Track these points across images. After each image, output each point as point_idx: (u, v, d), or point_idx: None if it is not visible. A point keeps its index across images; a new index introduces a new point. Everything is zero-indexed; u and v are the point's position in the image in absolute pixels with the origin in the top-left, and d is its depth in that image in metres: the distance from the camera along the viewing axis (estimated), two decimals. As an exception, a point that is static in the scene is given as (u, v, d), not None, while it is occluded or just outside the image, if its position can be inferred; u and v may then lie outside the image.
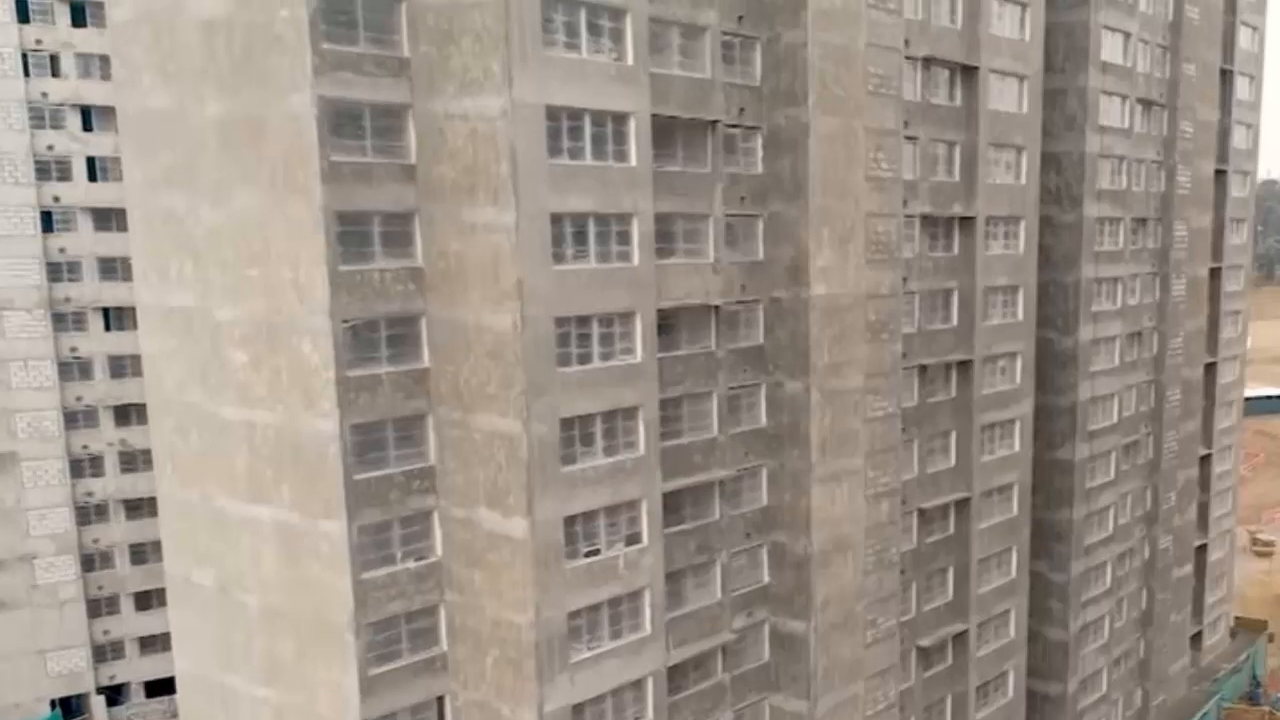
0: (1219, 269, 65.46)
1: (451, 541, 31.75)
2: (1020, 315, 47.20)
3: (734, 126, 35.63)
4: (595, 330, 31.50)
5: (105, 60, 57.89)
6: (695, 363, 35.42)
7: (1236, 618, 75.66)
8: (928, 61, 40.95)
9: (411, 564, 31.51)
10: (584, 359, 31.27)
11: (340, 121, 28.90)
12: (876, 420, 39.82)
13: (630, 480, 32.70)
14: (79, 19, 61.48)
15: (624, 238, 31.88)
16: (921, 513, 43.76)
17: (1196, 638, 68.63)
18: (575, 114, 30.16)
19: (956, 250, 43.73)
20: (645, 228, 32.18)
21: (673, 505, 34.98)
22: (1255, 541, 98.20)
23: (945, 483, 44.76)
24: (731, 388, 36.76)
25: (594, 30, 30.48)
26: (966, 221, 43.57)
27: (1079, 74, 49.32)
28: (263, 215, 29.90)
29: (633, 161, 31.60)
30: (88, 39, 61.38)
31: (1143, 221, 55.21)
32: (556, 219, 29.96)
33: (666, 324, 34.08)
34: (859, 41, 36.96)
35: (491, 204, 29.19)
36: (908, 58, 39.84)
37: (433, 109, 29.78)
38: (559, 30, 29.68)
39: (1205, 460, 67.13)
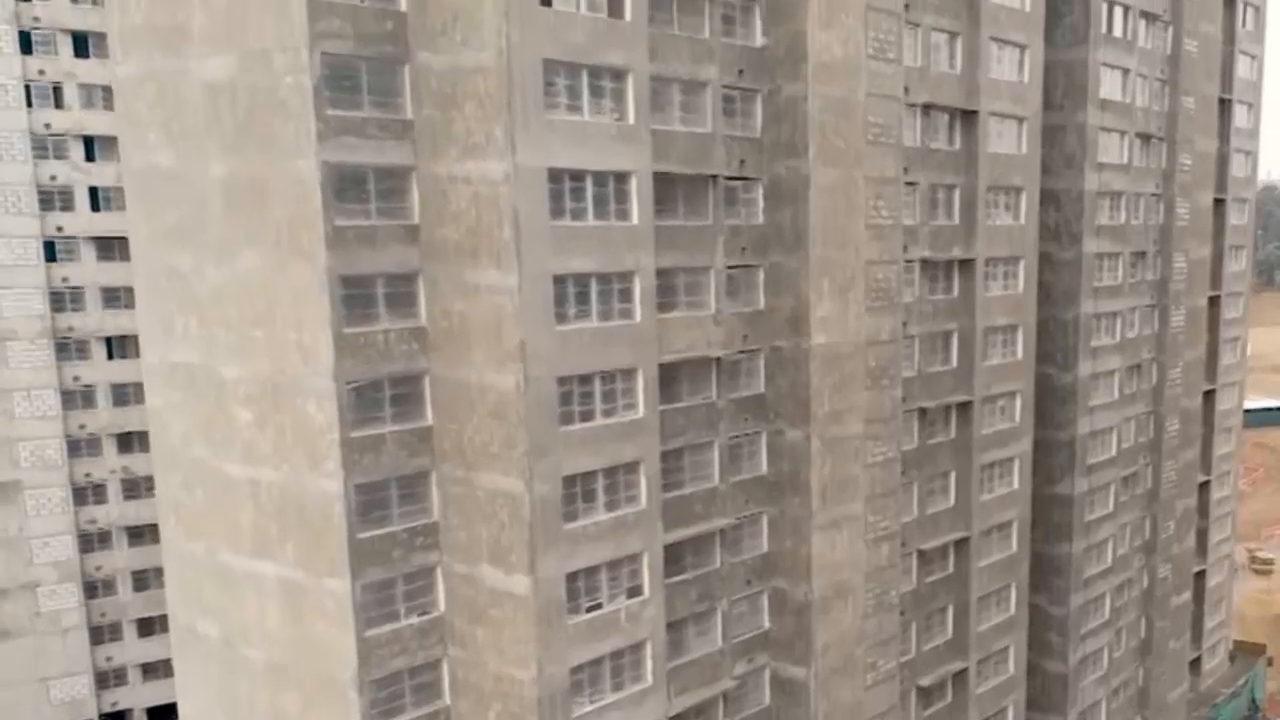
0: (1218, 297, 65.67)
1: (454, 597, 31.97)
2: (1020, 354, 47.43)
3: (735, 179, 35.87)
4: (597, 388, 31.72)
5: (108, 90, 58.16)
6: (697, 414, 35.67)
7: (1235, 641, 75.89)
8: (928, 108, 41.16)
9: (415, 620, 31.72)
10: (586, 416, 31.50)
11: (344, 185, 29.11)
12: (876, 465, 40.05)
13: (632, 534, 32.93)
14: (81, 50, 61.71)
15: (626, 295, 32.11)
16: (921, 553, 43.99)
17: (1195, 663, 68.83)
18: (577, 175, 30.41)
19: (956, 292, 43.98)
20: (647, 284, 32.42)
21: (674, 555, 35.23)
22: (1254, 559, 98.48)
23: (945, 523, 44.99)
24: (733, 436, 37.01)
25: (596, 91, 30.72)
26: (966, 264, 43.80)
27: (1078, 112, 49.56)
28: (267, 277, 30.12)
29: (634, 220, 31.83)
30: (90, 69, 61.62)
31: (1141, 255, 55.45)
32: (559, 279, 30.20)
33: (668, 376, 34.31)
34: (859, 92, 37.20)
35: (494, 267, 29.42)
36: (908, 105, 40.08)
37: (436, 171, 30.01)
38: (561, 93, 29.92)
39: (1204, 486, 67.32)
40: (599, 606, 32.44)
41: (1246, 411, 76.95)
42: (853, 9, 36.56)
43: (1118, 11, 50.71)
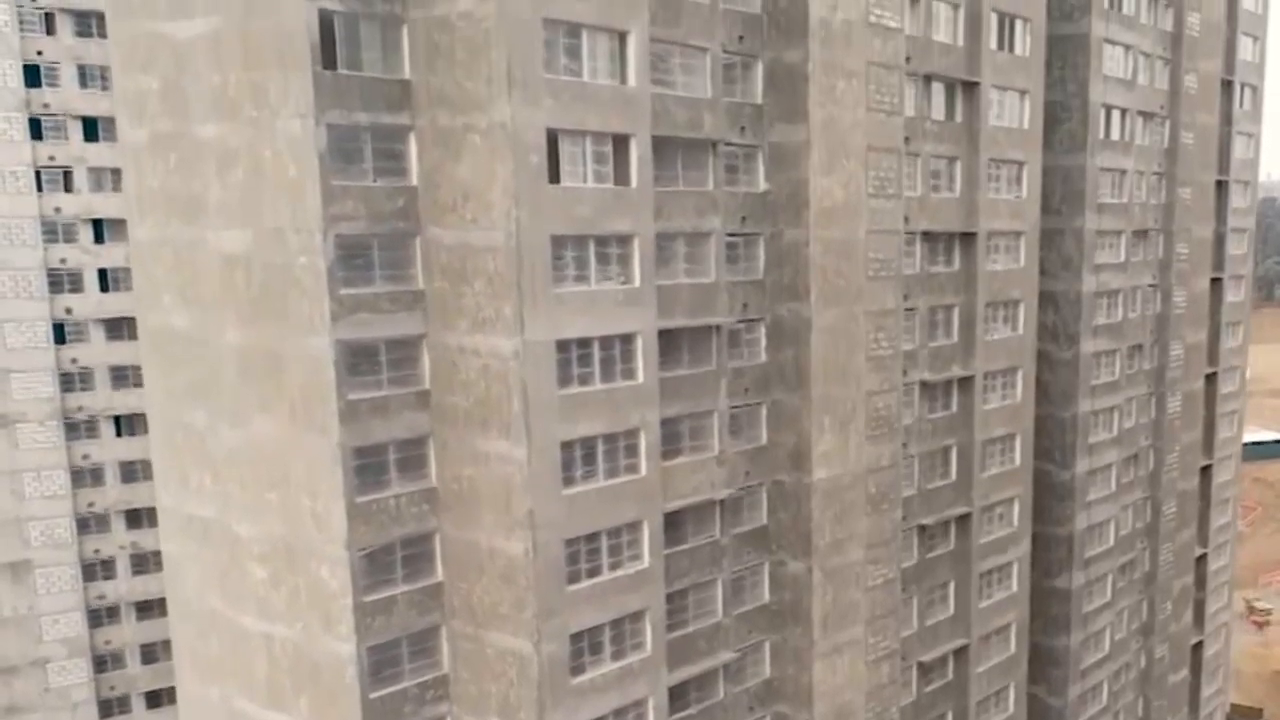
0: (1214, 374, 66.34)
1: (464, 749, 32.68)
2: (1018, 460, 48.13)
3: (739, 322, 36.54)
4: (604, 544, 32.43)
5: (116, 174, 58.89)
6: (701, 553, 36.37)
7: (1232, 704, 76.55)
8: (928, 234, 41.86)
9: (425, 771, 32.43)
10: (593, 572, 32.20)
11: (357, 360, 29.79)
12: (877, 587, 40.75)
13: (637, 681, 33.63)
14: (91, 134, 62.39)
15: (631, 450, 32.82)
16: (921, 665, 44.68)
17: (1192, 733, 69.59)
18: (585, 342, 31.10)
19: (955, 408, 44.68)
20: (652, 438, 33.12)
21: (678, 693, 35.92)
22: (1252, 610, 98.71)
23: (944, 632, 45.69)
24: (735, 570, 37.71)
25: (602, 259, 31.41)
26: (965, 381, 44.47)
27: (1076, 217, 50.29)
28: (281, 444, 30.81)
29: (640, 378, 32.54)
30: (100, 153, 62.33)
31: (1138, 347, 56.16)
32: (567, 445, 30.90)
33: (673, 520, 35.00)
34: (860, 231, 37.90)
35: (504, 438, 30.11)
36: (908, 233, 40.78)
37: (446, 341, 30.70)
38: (569, 264, 30.60)
39: (1201, 560, 68.01)
40: (605, 753, 33.14)
41: (1244, 445, 77.02)
42: (854, 152, 37.27)
43: (1115, 115, 51.41)
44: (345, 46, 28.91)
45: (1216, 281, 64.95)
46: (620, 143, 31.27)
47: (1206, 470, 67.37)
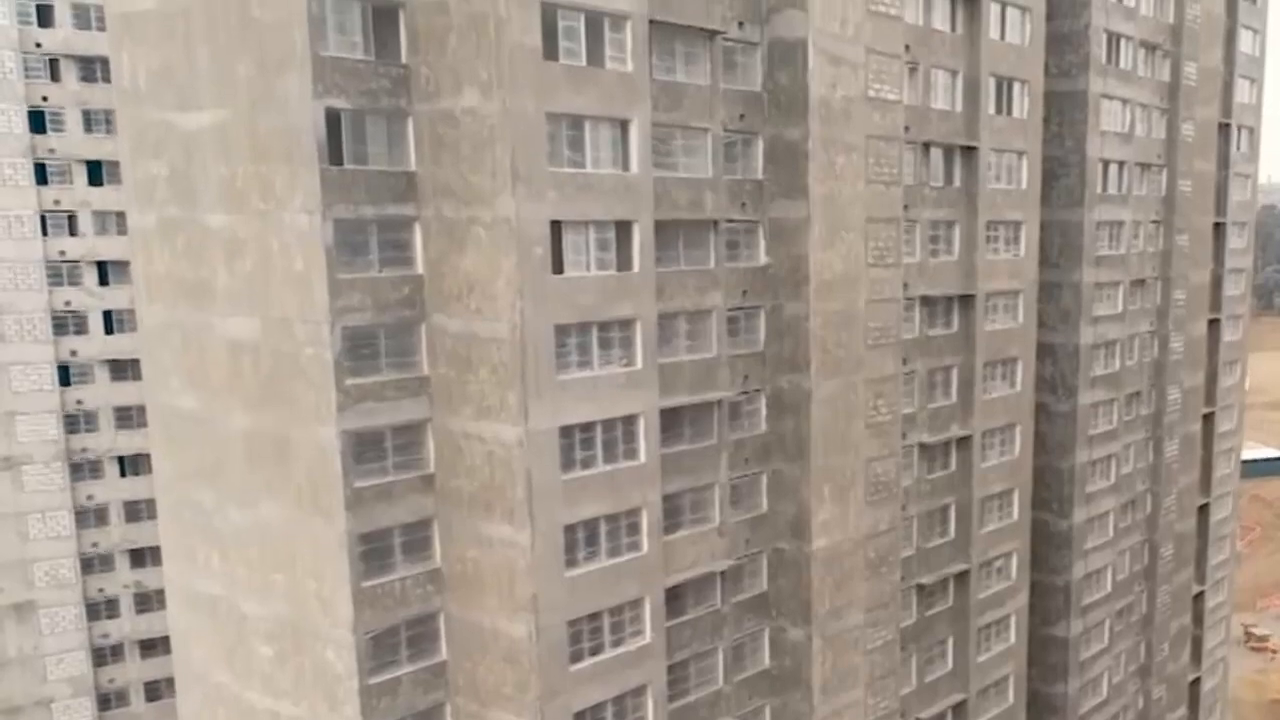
0: (1212, 413, 66.75)
1: (468, 825, 33.07)
2: (1016, 515, 48.53)
3: (740, 394, 36.94)
4: (606, 622, 32.80)
5: (121, 217, 59.20)
6: (701, 624, 36.76)
7: (1230, 736, 77.03)
8: (927, 299, 42.26)
9: (430, 847, 32.83)
10: (596, 650, 32.58)
11: (363, 448, 30.19)
12: (876, 650, 41.15)
13: (639, 755, 34.05)
14: (95, 178, 62.85)
15: (633, 529, 33.21)
16: (920, 721, 45.15)
17: (1190, 769, 69.97)
18: (588, 426, 31.50)
19: (954, 467, 45.09)
20: (654, 516, 33.52)
21: (680, 762, 36.36)
22: (1250, 636, 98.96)
23: (943, 688, 46.11)
24: (736, 637, 38.09)
25: (605, 344, 31.80)
26: (964, 440, 44.88)
27: (1074, 271, 50.70)
28: (288, 527, 31.23)
29: (642, 458, 32.94)
30: (104, 197, 62.76)
31: (1136, 394, 56.56)
32: (570, 528, 31.31)
33: (674, 593, 35.39)
34: (859, 302, 38.30)
35: (508, 523, 30.52)
36: (907, 299, 41.19)
37: (451, 426, 31.11)
38: (572, 351, 30.99)
39: (1198, 597, 68.41)
40: (607, 828, 33.54)
41: (1243, 462, 77.14)
42: (853, 224, 37.68)
43: (1113, 169, 51.82)
44: (351, 142, 29.32)
45: (1214, 322, 65.36)
46: (623, 229, 31.67)
47: (1204, 508, 67.77)
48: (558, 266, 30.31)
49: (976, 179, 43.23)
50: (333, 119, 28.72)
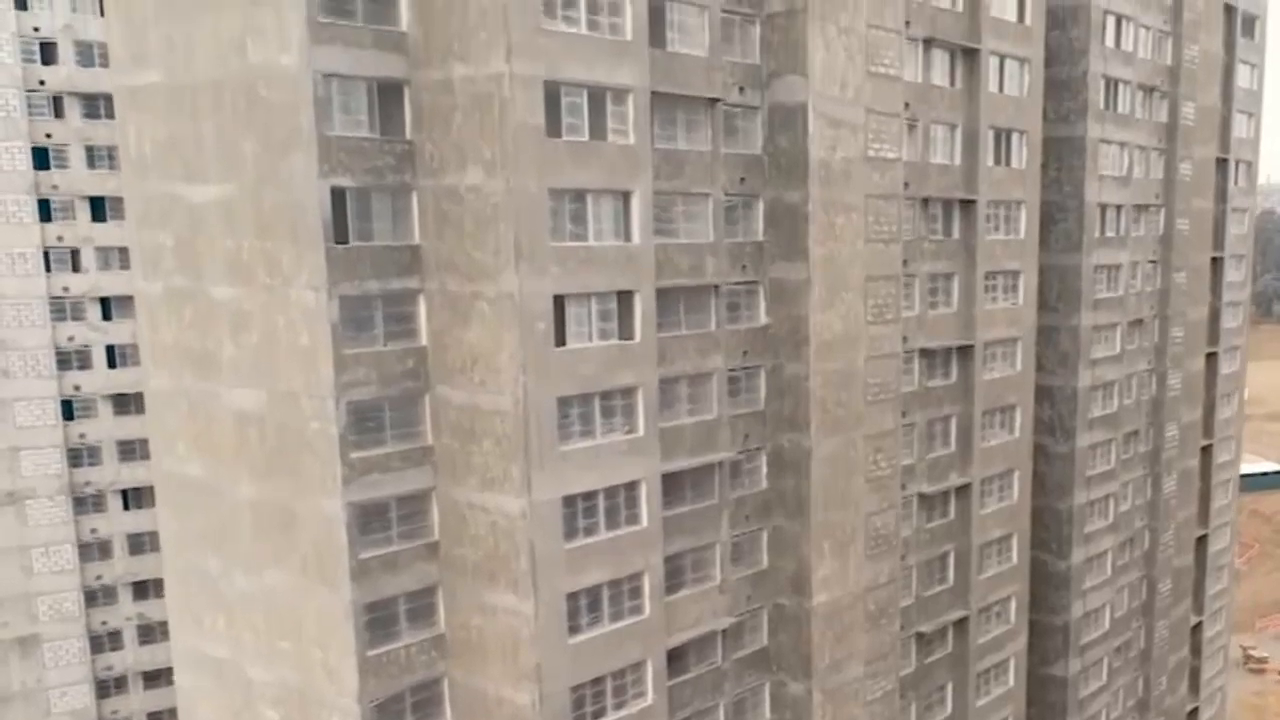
0: (1210, 445, 67.07)
1: None
2: (1015, 559, 48.86)
3: (740, 453, 37.24)
4: (609, 685, 33.13)
5: (124, 252, 59.55)
6: (703, 681, 37.07)
7: (1228, 762, 77.28)
8: (925, 351, 42.57)
9: None
10: (599, 715, 32.92)
11: (368, 519, 30.51)
12: (876, 701, 41.47)
13: (641, 815, 34.35)
14: (99, 214, 63.03)
15: (635, 593, 33.54)
16: (919, 767, 45.45)
17: (1188, 798, 70.28)
18: (590, 494, 31.82)
19: (953, 515, 45.40)
20: (655, 579, 33.85)
21: (681, 818, 36.65)
22: (1248, 658, 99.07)
23: (942, 733, 46.47)
24: (736, 693, 38.41)
25: (607, 412, 32.13)
26: (963, 488, 45.18)
27: (1072, 315, 51.03)
28: (294, 595, 31.54)
29: (644, 523, 33.27)
30: (107, 233, 62.89)
31: (1135, 432, 56.86)
32: (572, 596, 31.63)
33: (676, 653, 35.70)
34: (859, 360, 38.62)
35: (511, 591, 30.84)
36: (906, 352, 41.49)
37: (455, 495, 31.43)
38: (574, 421, 31.31)
39: (1196, 628, 68.74)
40: None
41: (1241, 476, 77.18)
42: (853, 284, 38.00)
43: (1110, 212, 52.15)
44: (356, 218, 29.60)
45: (1212, 356, 65.69)
46: (624, 298, 32.01)
47: (1202, 539, 68.10)
48: (560, 339, 30.63)
49: (975, 231, 43.58)
50: (338, 195, 29.04)
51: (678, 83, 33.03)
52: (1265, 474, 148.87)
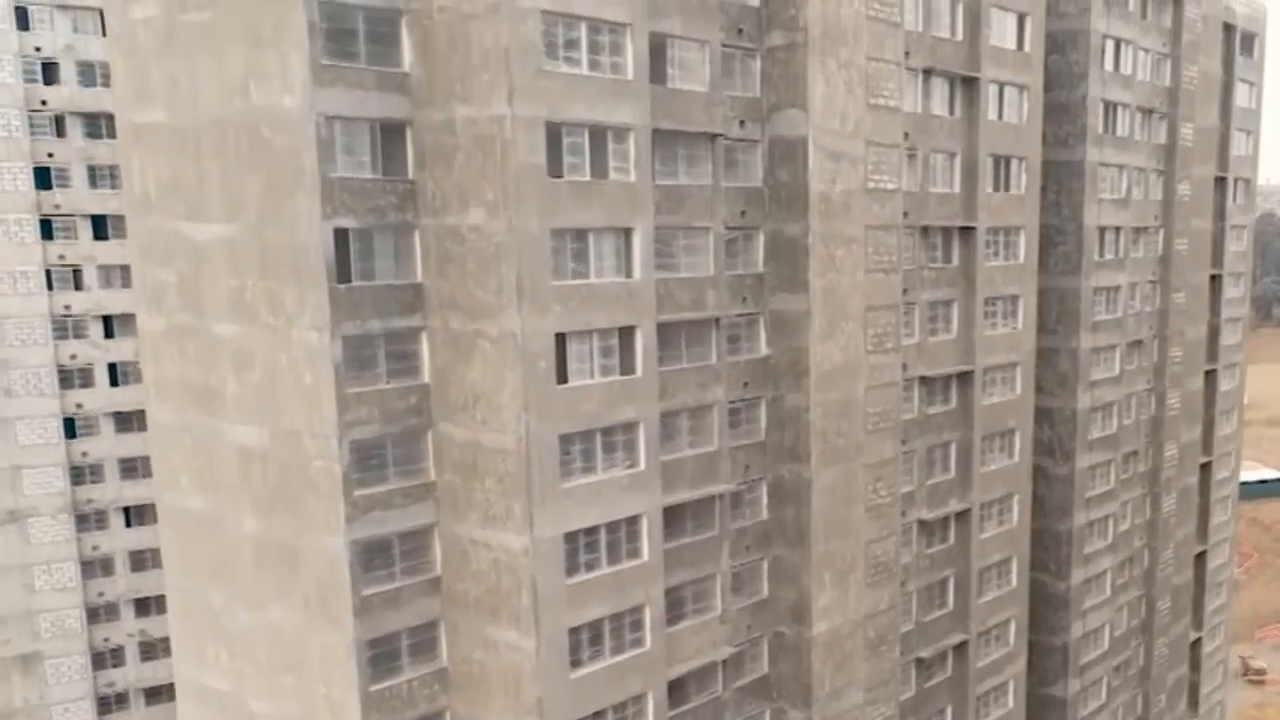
0: (1209, 462, 67.24)
1: None
2: (1014, 582, 49.03)
3: (741, 484, 37.39)
4: (610, 718, 33.29)
5: (125, 270, 59.77)
6: (703, 712, 37.20)
7: (1227, 775, 77.35)
8: (925, 378, 42.73)
9: None
10: (599, 748, 33.13)
11: (371, 556, 30.67)
12: (876, 727, 41.69)
13: (642, 846, 34.51)
14: (100, 232, 63.29)
15: (636, 625, 33.70)
16: (919, 791, 45.62)
17: (1187, 814, 70.48)
18: (592, 530, 31.98)
19: (953, 541, 45.55)
20: (656, 612, 34.01)
21: None
22: (1247, 669, 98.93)
23: (942, 757, 46.63)
24: (737, 722, 38.64)
25: (609, 448, 32.29)
26: (962, 514, 45.35)
27: (1071, 336, 51.21)
28: (296, 631, 31.70)
29: (645, 557, 33.42)
30: (109, 251, 63.22)
31: (1134, 452, 57.03)
32: (574, 630, 31.80)
33: (676, 684, 35.86)
34: (859, 390, 38.78)
35: (514, 628, 31.01)
36: (906, 379, 41.65)
37: (457, 531, 31.60)
38: (576, 459, 31.47)
39: (1195, 644, 68.89)
40: None
41: (1240, 484, 77.03)
42: (853, 314, 38.17)
43: (1110, 235, 52.32)
44: (359, 259, 29.77)
45: (1211, 373, 65.85)
46: (626, 334, 32.16)
47: (1201, 555, 68.25)
48: (562, 375, 30.77)
49: (974, 257, 43.74)
50: (341, 235, 29.19)
51: (679, 119, 33.17)
52: (1265, 482, 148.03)
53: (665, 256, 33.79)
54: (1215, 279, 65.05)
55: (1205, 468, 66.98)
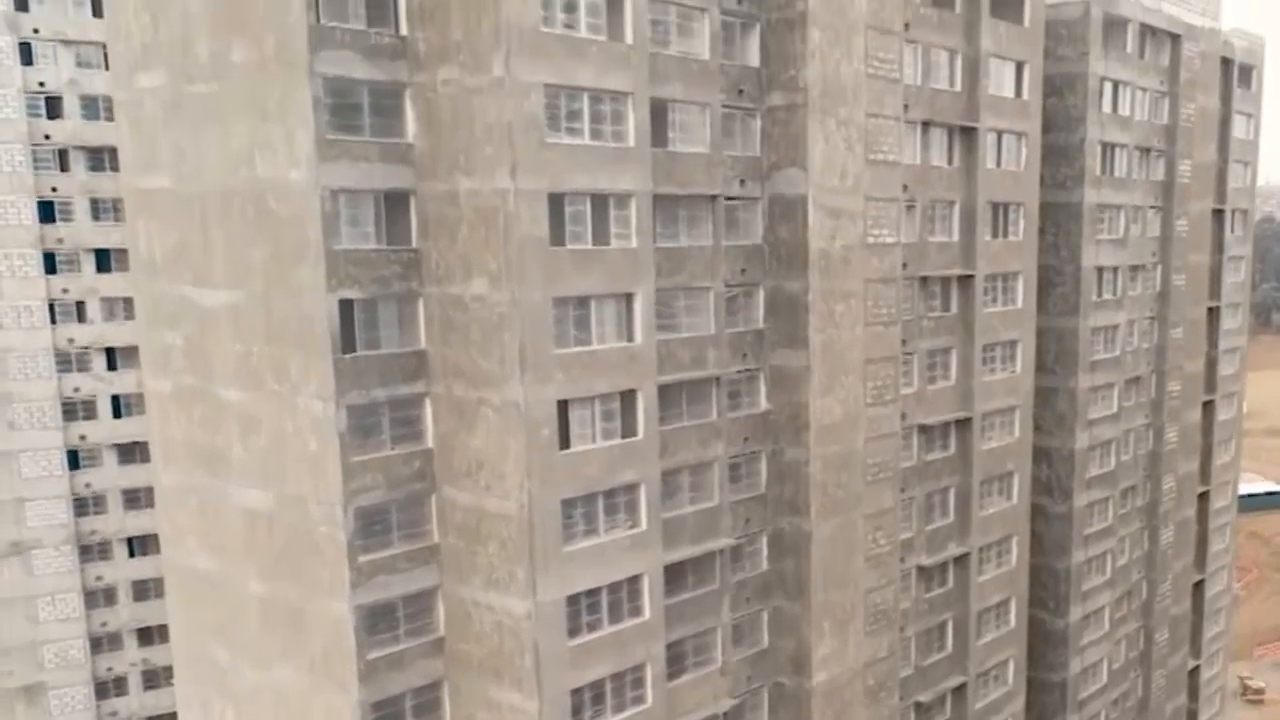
0: (1206, 492, 67.51)
1: None
2: (1013, 623, 49.33)
3: (740, 537, 37.69)
4: (611, 782, 33.67)
5: (129, 303, 59.77)
6: (704, 763, 37.57)
7: (1226, 800, 77.60)
8: (924, 427, 43.04)
9: None
10: (601, 807, 33.43)
11: (376, 619, 30.99)
12: (875, 773, 41.98)
13: None
14: (104, 265, 63.51)
15: (638, 683, 34.03)
16: (918, 832, 45.93)
17: (1185, 839, 70.76)
18: (593, 592, 32.28)
19: (951, 584, 45.84)
20: (658, 669, 34.35)
21: None
22: (1246, 689, 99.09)
23: (941, 797, 46.92)
24: (737, 770, 38.93)
25: (610, 510, 32.59)
26: (961, 558, 45.64)
27: (1070, 377, 51.50)
28: (301, 692, 32.03)
29: (646, 615, 33.75)
30: (112, 284, 63.39)
31: (1132, 487, 57.34)
32: (577, 691, 32.10)
33: (677, 736, 36.23)
34: (858, 442, 39.08)
35: (516, 690, 31.33)
36: (905, 428, 41.96)
37: (461, 594, 31.91)
38: (578, 522, 31.78)
39: (1194, 672, 69.17)
40: None
41: (1239, 497, 77.05)
42: (852, 367, 38.47)
43: (1108, 274, 52.62)
44: (364, 328, 30.11)
45: (1209, 403, 66.13)
46: (627, 397, 32.48)
47: (1199, 584, 68.54)
48: (564, 441, 31.09)
49: (973, 305, 44.02)
50: (345, 305, 29.49)
51: (680, 182, 33.50)
52: (1263, 494, 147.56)
53: (666, 317, 34.11)
54: (1213, 311, 65.30)
55: (1203, 497, 67.24)
